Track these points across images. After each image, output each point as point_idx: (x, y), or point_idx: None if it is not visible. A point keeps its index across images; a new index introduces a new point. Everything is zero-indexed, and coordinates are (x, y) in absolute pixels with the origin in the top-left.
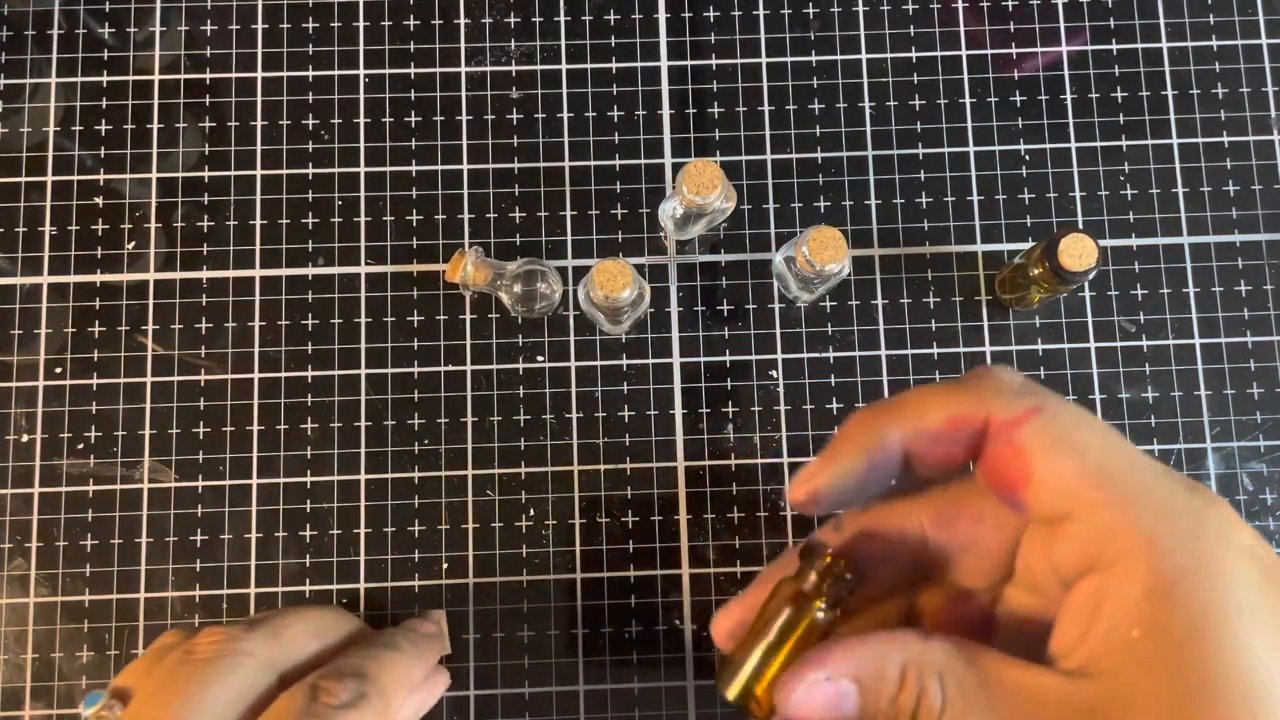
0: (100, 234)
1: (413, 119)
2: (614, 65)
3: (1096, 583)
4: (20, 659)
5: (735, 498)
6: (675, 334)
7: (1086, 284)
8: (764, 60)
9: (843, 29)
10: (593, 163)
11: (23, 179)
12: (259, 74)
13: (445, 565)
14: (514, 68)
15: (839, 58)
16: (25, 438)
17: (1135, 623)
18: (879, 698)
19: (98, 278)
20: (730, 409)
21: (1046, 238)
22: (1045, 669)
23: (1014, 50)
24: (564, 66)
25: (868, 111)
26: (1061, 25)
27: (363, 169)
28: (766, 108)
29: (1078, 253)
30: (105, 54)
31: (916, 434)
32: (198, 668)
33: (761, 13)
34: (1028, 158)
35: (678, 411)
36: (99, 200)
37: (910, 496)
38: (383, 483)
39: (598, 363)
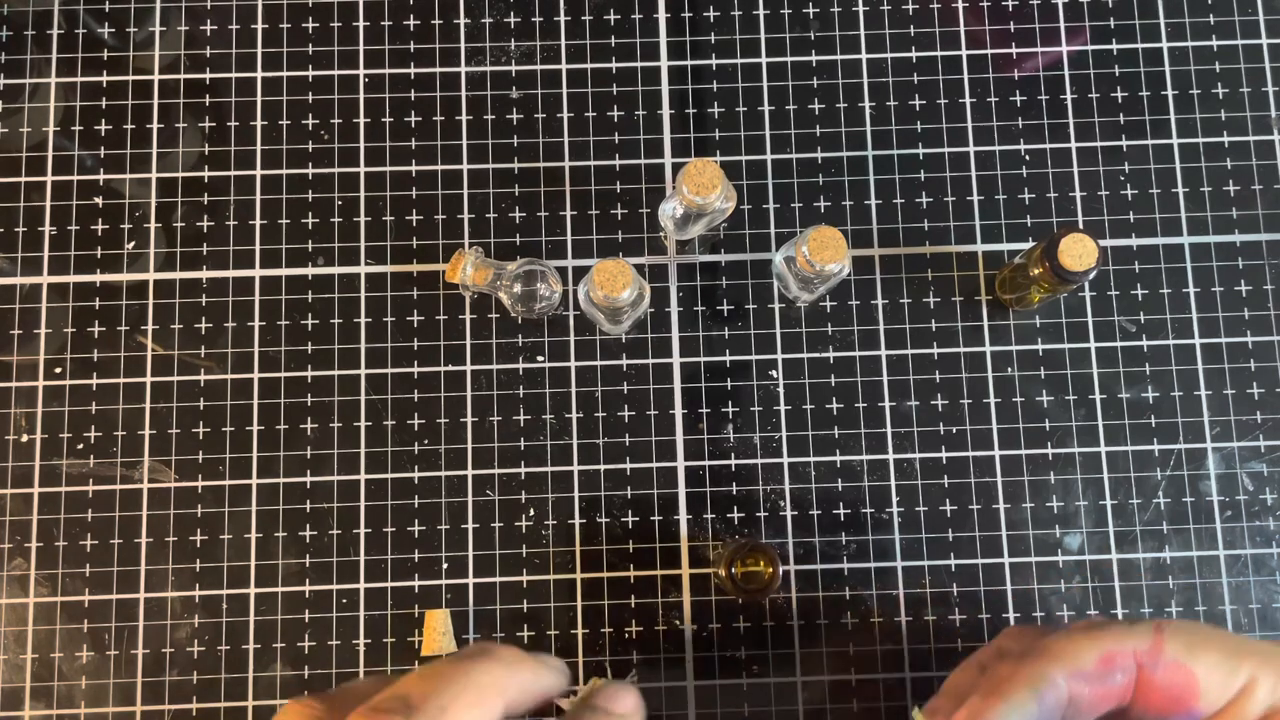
0: (100, 234)
1: (413, 119)
2: (614, 65)
3: None
4: (20, 659)
5: (735, 498)
6: (675, 334)
7: (1086, 284)
8: (764, 60)
9: (843, 29)
10: (593, 163)
11: (22, 179)
12: (259, 74)
13: (445, 565)
14: (514, 68)
15: (839, 58)
16: (25, 438)
17: None
18: None
19: (97, 278)
20: (730, 409)
21: (1046, 238)
22: None
23: (1014, 50)
24: (564, 66)
25: (868, 111)
26: (1061, 25)
27: (363, 169)
28: (766, 108)
29: (1078, 253)
30: (105, 54)
31: (1076, 675)
32: None
33: (761, 13)
34: (1028, 158)
35: (678, 411)
36: (99, 200)
37: None
38: (383, 483)
39: (598, 363)
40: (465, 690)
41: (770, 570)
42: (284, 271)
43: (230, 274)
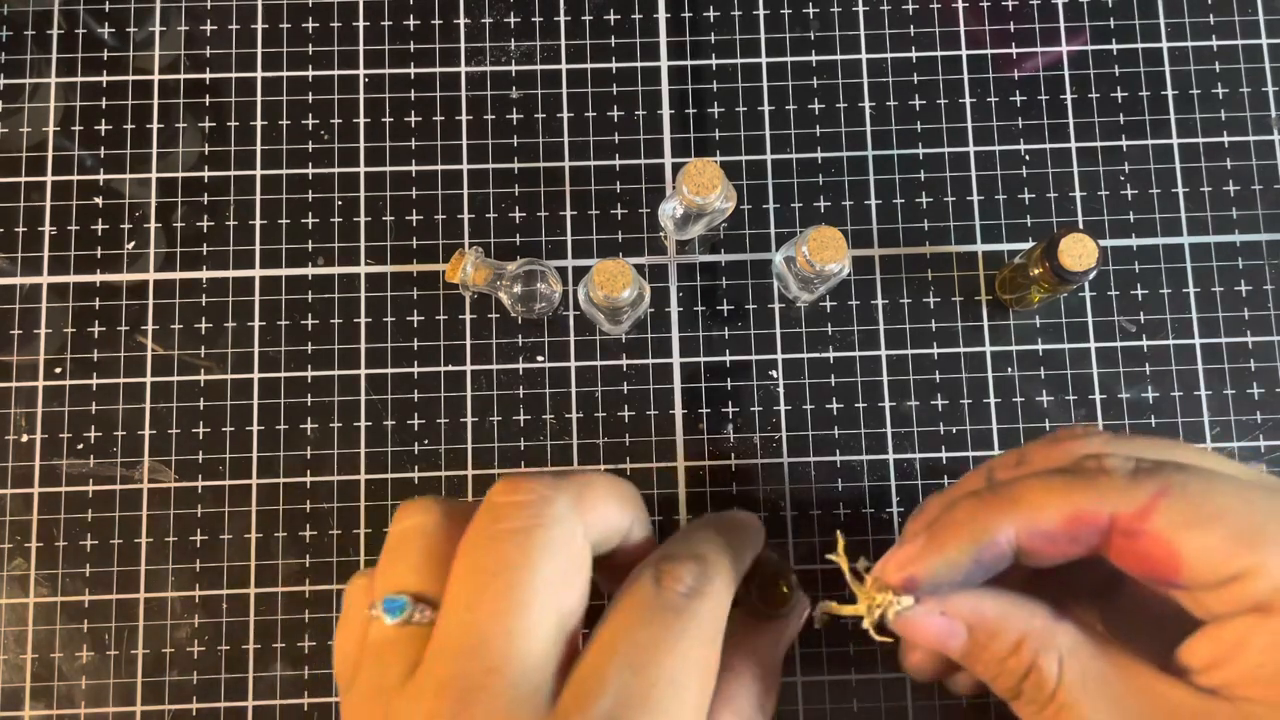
0: (100, 234)
1: (413, 119)
2: (614, 65)
3: (1256, 620)
4: (20, 659)
5: (735, 498)
6: (675, 334)
7: (1086, 284)
8: (764, 60)
9: (843, 29)
10: (593, 163)
11: (22, 179)
12: (259, 74)
13: None
14: (514, 68)
15: (839, 58)
16: (25, 438)
17: None
18: (986, 652)
19: (97, 278)
20: (730, 409)
21: (1046, 238)
22: (1177, 680)
23: (1014, 50)
24: (564, 66)
25: (868, 111)
26: (1061, 25)
27: (363, 169)
28: (766, 108)
29: (1078, 253)
30: (105, 54)
31: (1031, 532)
32: (517, 547)
33: (761, 13)
34: (1028, 158)
35: (678, 411)
36: (99, 200)
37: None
38: (383, 483)
39: (598, 363)
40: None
41: (786, 589)
42: (284, 271)
43: (230, 274)
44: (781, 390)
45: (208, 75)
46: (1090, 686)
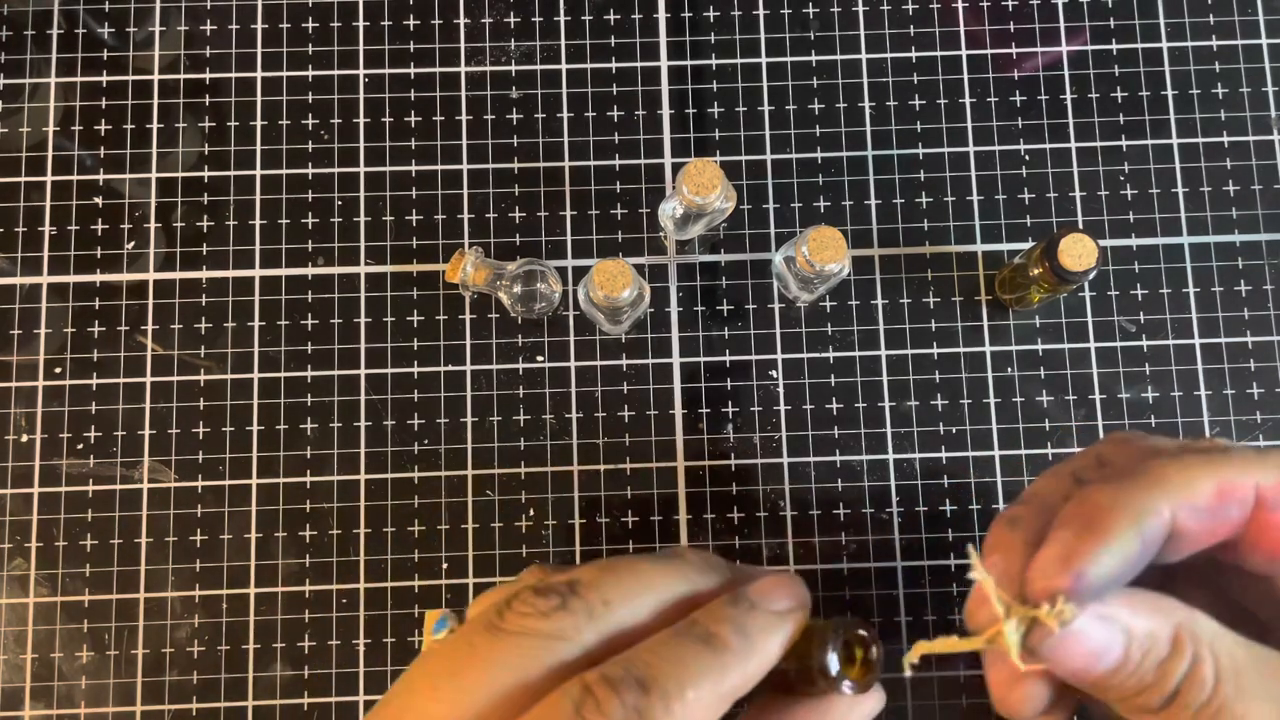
0: (100, 234)
1: (412, 119)
2: (614, 65)
3: None
4: (20, 659)
5: (735, 498)
6: (675, 334)
7: (1086, 284)
8: (764, 60)
9: (843, 29)
10: (593, 163)
11: (22, 179)
12: (259, 74)
13: (445, 565)
14: (514, 68)
15: (839, 58)
16: (25, 438)
17: None
18: (1145, 658)
19: (97, 278)
20: (730, 409)
21: (1046, 238)
22: None
23: (1014, 50)
24: (564, 66)
25: (868, 111)
26: (1061, 25)
27: (362, 169)
28: (766, 108)
29: (1078, 253)
30: (105, 54)
31: (1188, 508)
32: (491, 647)
33: (761, 13)
34: (1028, 158)
35: (678, 411)
36: (98, 200)
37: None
38: (383, 483)
39: (598, 363)
40: (633, 587)
41: (863, 653)
42: (284, 271)
43: (230, 274)
44: (781, 390)
45: (208, 75)
46: (1242, 681)
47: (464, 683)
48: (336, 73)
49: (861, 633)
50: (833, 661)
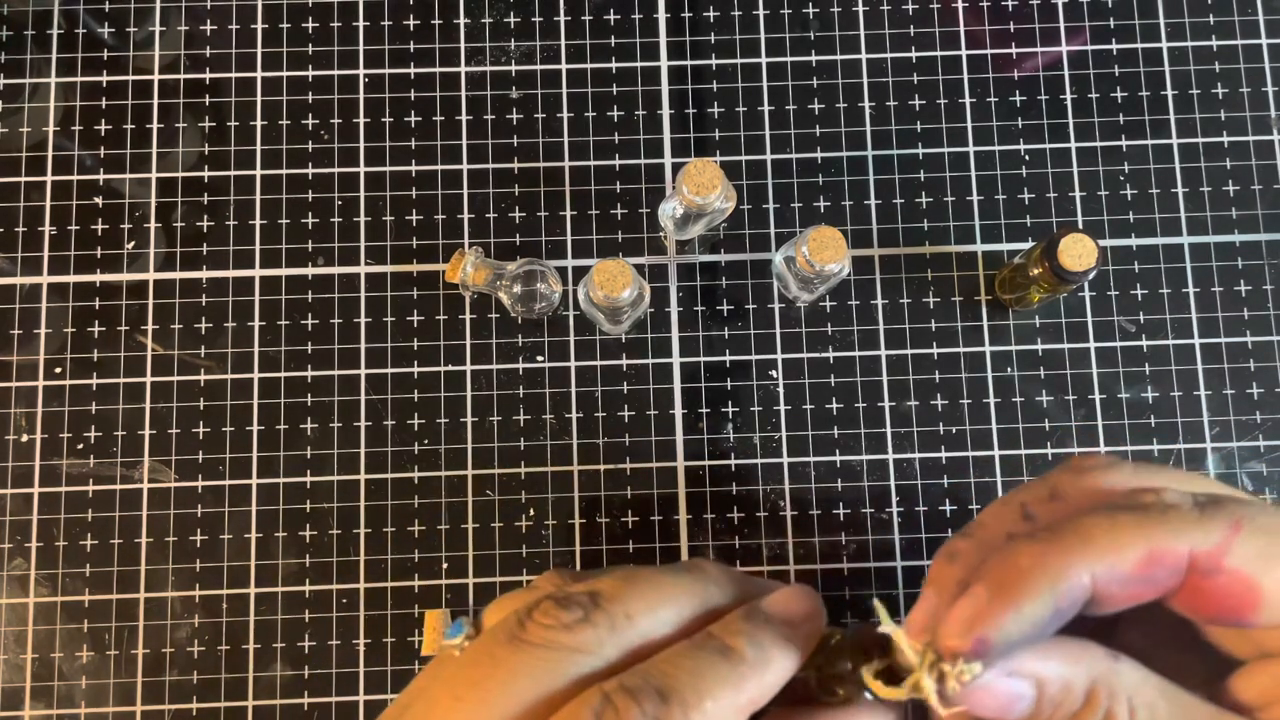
0: (100, 234)
1: (412, 119)
2: (614, 65)
3: None
4: (20, 659)
5: (735, 498)
6: (675, 334)
7: (1086, 284)
8: (764, 60)
9: (843, 29)
10: (593, 163)
11: (22, 179)
12: (259, 74)
13: (445, 565)
14: (514, 68)
15: (839, 58)
16: (25, 438)
17: None
18: (1058, 710)
19: (97, 278)
20: (730, 409)
21: (1046, 238)
22: (1236, 715)
23: (1014, 50)
24: (564, 66)
25: (868, 111)
26: (1061, 25)
27: (362, 169)
28: (766, 108)
29: (1078, 253)
30: (105, 54)
31: (1109, 575)
32: (513, 658)
33: (761, 13)
34: (1028, 158)
35: (678, 411)
36: (98, 200)
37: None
38: (383, 483)
39: (598, 363)
40: (655, 601)
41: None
42: (284, 271)
43: (230, 274)
44: (781, 390)
45: (208, 75)
46: None
47: (486, 694)
48: (336, 73)
49: (880, 639)
50: (851, 670)
